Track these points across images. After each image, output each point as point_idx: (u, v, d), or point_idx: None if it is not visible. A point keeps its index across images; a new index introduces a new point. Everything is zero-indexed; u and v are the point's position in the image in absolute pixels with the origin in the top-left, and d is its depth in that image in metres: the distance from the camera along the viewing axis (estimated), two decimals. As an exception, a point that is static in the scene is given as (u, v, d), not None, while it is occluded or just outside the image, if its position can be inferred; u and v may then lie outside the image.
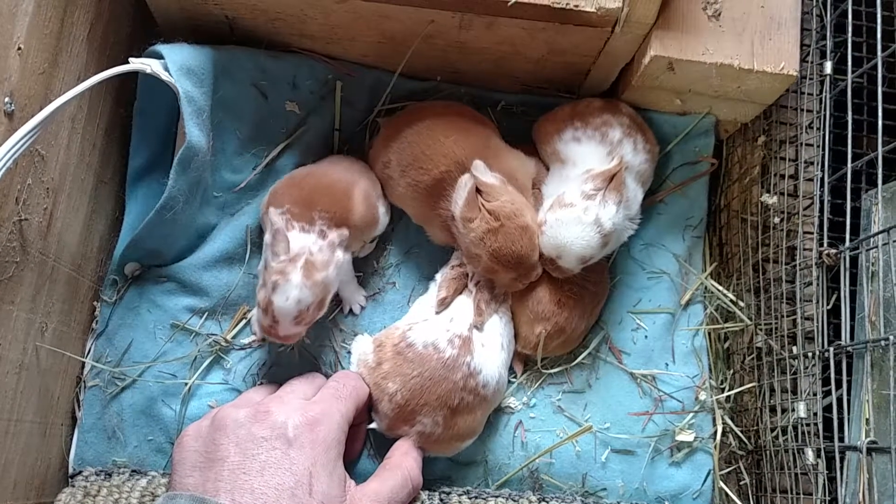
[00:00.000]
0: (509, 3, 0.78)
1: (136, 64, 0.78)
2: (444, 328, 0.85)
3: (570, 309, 0.89)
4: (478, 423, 0.85)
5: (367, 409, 0.84)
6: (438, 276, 0.93)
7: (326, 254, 0.81)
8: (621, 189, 0.85)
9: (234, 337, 0.89)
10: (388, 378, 0.83)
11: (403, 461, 0.79)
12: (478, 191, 0.83)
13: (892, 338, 0.71)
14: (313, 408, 0.73)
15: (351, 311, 0.92)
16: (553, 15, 0.80)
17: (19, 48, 0.69)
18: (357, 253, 0.91)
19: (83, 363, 0.86)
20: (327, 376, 0.85)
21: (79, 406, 0.86)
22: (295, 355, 0.89)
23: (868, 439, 0.72)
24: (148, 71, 0.78)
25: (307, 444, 0.70)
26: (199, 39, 0.85)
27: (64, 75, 0.77)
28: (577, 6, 0.79)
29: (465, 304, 0.89)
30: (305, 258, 0.79)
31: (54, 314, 0.80)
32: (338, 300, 0.91)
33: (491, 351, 0.85)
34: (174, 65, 0.79)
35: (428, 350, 0.83)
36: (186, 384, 0.86)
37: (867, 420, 0.76)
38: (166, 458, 0.86)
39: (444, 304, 0.88)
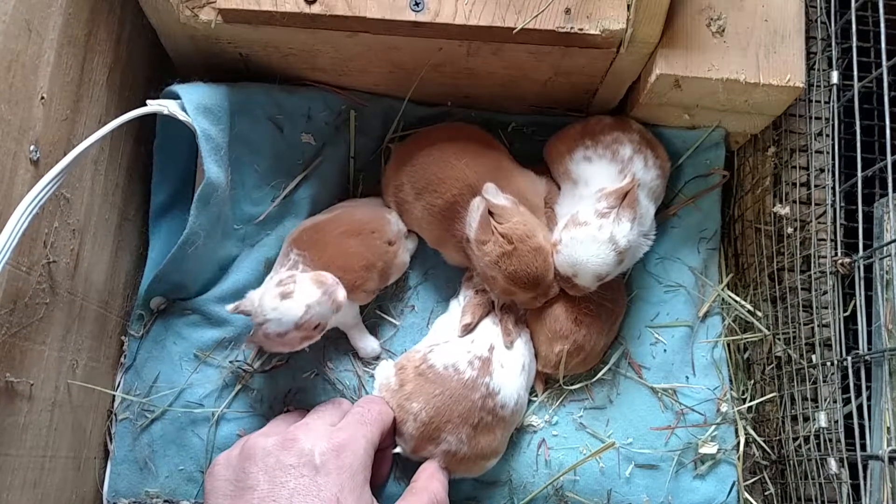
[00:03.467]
0: (514, 31, 0.80)
1: (153, 106, 0.80)
2: (464, 350, 0.86)
3: (588, 326, 0.90)
4: (498, 443, 0.86)
5: (393, 433, 0.86)
6: (461, 297, 0.94)
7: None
8: (635, 206, 0.85)
9: (257, 364, 0.91)
10: (412, 398, 0.84)
11: (429, 484, 0.80)
12: (490, 213, 0.85)
13: (908, 346, 0.71)
14: (339, 434, 0.75)
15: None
16: (558, 39, 0.82)
17: (42, 97, 0.72)
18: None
19: (113, 397, 0.88)
20: (352, 402, 0.87)
21: (110, 439, 0.88)
22: (319, 381, 0.91)
23: (890, 448, 0.72)
24: (165, 112, 0.80)
25: (334, 471, 0.71)
26: (214, 76, 0.88)
27: (86, 120, 0.80)
28: (581, 29, 0.81)
29: (485, 327, 0.90)
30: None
31: (84, 351, 0.82)
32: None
33: (510, 372, 0.86)
34: (191, 104, 0.81)
35: (448, 371, 0.84)
36: (214, 413, 0.88)
37: (888, 428, 0.76)
38: (197, 486, 0.88)
39: (468, 329, 0.89)
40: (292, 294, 0.79)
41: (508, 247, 0.84)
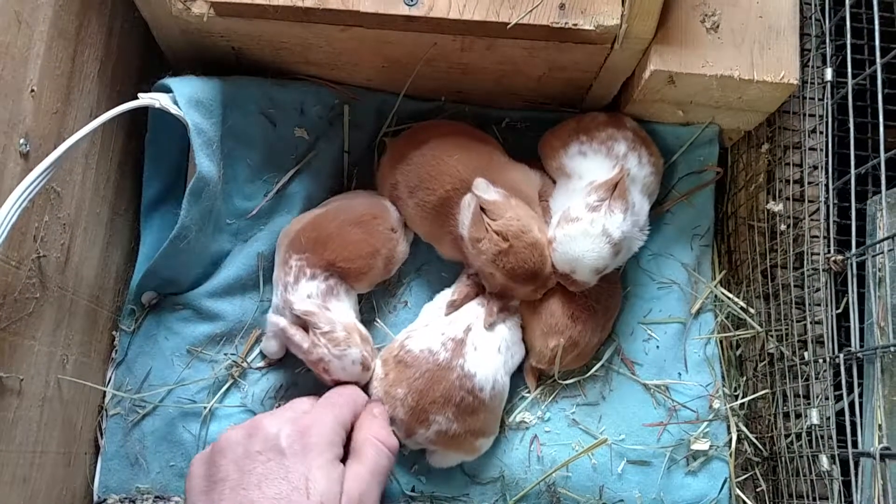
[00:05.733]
0: (509, 26, 0.79)
1: (145, 99, 0.80)
2: (439, 332, 0.87)
3: (584, 322, 0.90)
4: (484, 422, 0.86)
5: None
6: (454, 288, 0.93)
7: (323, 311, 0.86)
8: (626, 196, 0.85)
9: (250, 360, 0.91)
10: (396, 385, 0.84)
11: (369, 432, 0.78)
12: (483, 209, 0.84)
13: (900, 344, 0.71)
14: (304, 417, 0.75)
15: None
16: (552, 34, 0.81)
17: (32, 90, 0.71)
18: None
19: (104, 392, 0.88)
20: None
21: (101, 434, 0.87)
22: (311, 377, 0.90)
23: (881, 445, 0.72)
24: (157, 105, 0.80)
25: (300, 452, 0.71)
26: (206, 70, 0.87)
27: (77, 113, 0.79)
28: (575, 25, 0.80)
29: (466, 307, 0.90)
30: (321, 336, 0.83)
31: (74, 346, 0.82)
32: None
33: (484, 354, 0.86)
34: (183, 98, 0.81)
35: (424, 353, 0.85)
36: (205, 408, 0.88)
37: (880, 426, 0.76)
38: (188, 482, 0.87)
39: (453, 306, 0.89)
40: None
41: (504, 244, 0.84)
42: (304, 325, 0.85)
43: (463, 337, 0.86)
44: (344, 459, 0.75)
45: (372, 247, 0.89)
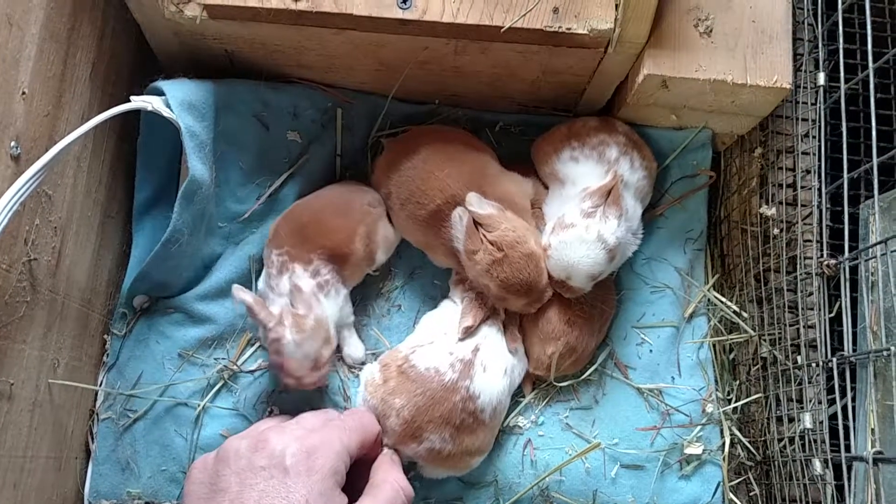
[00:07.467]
0: (502, 30, 0.79)
1: (137, 102, 0.79)
2: (447, 351, 0.86)
3: (580, 328, 0.90)
4: (481, 442, 0.85)
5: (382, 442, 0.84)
6: (457, 299, 0.93)
7: (311, 297, 0.84)
8: (620, 202, 0.85)
9: (241, 363, 0.90)
10: (395, 394, 0.84)
11: (389, 475, 0.78)
12: (477, 223, 0.84)
13: (893, 348, 0.71)
14: (312, 437, 0.74)
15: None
16: (546, 38, 0.81)
17: (23, 93, 0.71)
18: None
19: (95, 397, 0.87)
20: (335, 402, 0.86)
21: (92, 439, 0.87)
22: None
23: (874, 450, 0.72)
24: (149, 108, 0.79)
25: (304, 473, 0.70)
26: (199, 73, 0.87)
27: (68, 116, 0.79)
28: (569, 29, 0.80)
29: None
30: (291, 315, 0.81)
31: (66, 350, 0.82)
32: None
33: (492, 375, 0.85)
34: (175, 100, 0.81)
35: (429, 372, 0.84)
36: (198, 406, 0.87)
37: (872, 430, 0.77)
38: (179, 487, 0.87)
39: (469, 332, 0.88)
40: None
41: (499, 254, 0.83)
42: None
43: (471, 358, 0.85)
44: (344, 488, 0.74)
45: (350, 228, 0.88)
